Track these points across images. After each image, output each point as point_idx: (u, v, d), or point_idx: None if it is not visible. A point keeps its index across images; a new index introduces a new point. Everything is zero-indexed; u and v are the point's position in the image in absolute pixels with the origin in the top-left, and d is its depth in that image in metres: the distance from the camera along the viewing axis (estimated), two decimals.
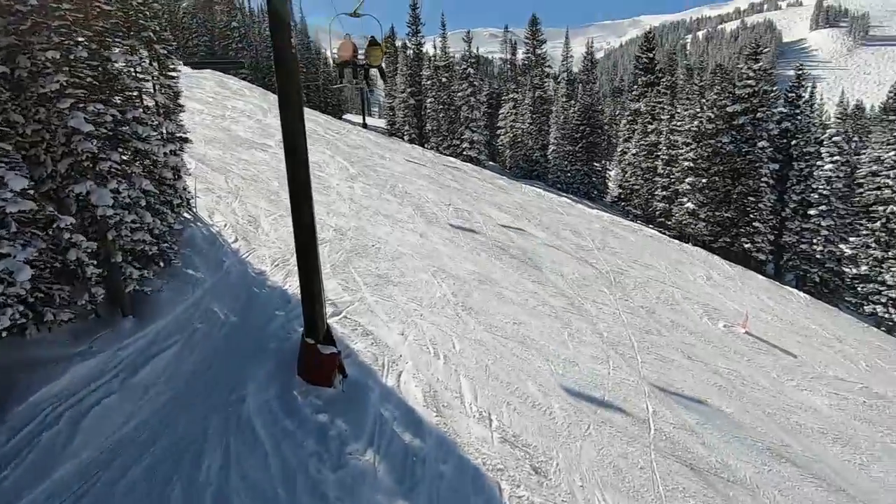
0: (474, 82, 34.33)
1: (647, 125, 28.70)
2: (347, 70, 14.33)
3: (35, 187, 5.97)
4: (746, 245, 21.42)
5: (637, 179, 28.88)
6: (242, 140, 20.36)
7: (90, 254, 6.15)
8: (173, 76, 10.49)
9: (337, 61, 13.85)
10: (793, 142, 22.77)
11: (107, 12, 6.88)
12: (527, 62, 40.11)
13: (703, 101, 23.44)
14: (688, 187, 23.09)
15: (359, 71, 13.82)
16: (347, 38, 14.00)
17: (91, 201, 6.16)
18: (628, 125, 32.43)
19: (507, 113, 38.88)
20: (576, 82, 41.14)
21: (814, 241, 20.64)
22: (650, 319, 12.57)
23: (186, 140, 10.77)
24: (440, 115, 36.38)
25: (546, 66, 40.72)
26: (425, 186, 20.39)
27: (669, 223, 25.07)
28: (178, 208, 9.95)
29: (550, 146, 35.65)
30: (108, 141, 6.91)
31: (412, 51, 41.86)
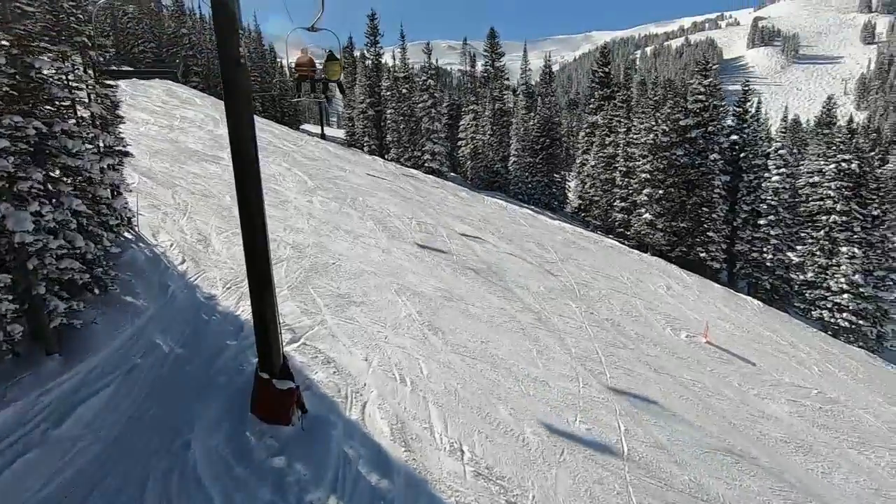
0: (435, 94, 34.24)
1: (605, 138, 29.43)
2: (306, 84, 13.88)
3: None
4: (702, 254, 22.18)
5: (596, 191, 29.51)
6: (192, 152, 19.32)
7: (4, 287, 5.39)
8: (111, 84, 9.69)
9: (294, 76, 13.37)
10: (741, 154, 23.87)
11: (28, 14, 6.17)
12: (486, 74, 40.47)
13: (658, 115, 24.24)
14: (645, 198, 23.73)
15: (317, 85, 13.42)
16: (305, 53, 13.60)
17: (7, 227, 5.42)
18: (586, 137, 33.18)
19: (468, 124, 39.00)
20: (535, 95, 41.82)
21: (764, 250, 21.62)
22: (616, 332, 12.58)
23: (126, 154, 9.95)
24: (401, 127, 36.05)
25: (505, 79, 41.21)
26: (387, 199, 19.95)
27: (628, 233, 25.67)
28: (117, 228, 9.12)
29: (511, 158, 35.97)
30: (31, 157, 6.17)
31: (371, 61, 41.44)
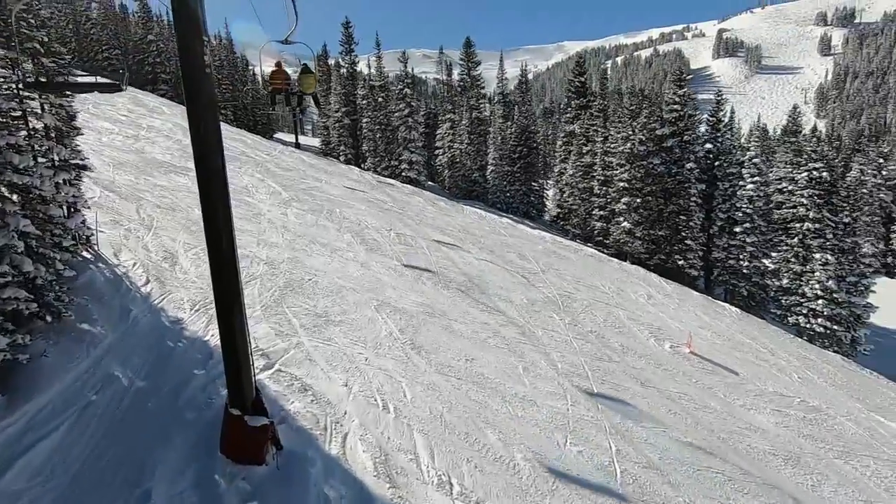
0: (412, 103, 33.99)
1: (582, 147, 29.66)
2: (280, 97, 13.54)
3: None
4: (680, 262, 22.40)
5: (575, 199, 29.66)
6: (159, 163, 18.51)
7: None
8: (68, 94, 9.05)
9: (268, 89, 13.03)
10: (716, 163, 24.33)
11: None
12: (462, 83, 40.49)
13: (635, 125, 24.52)
14: (624, 207, 23.90)
15: (292, 98, 13.11)
16: (279, 66, 13.36)
17: None
18: (564, 146, 33.40)
19: (445, 133, 38.85)
20: (512, 104, 42.01)
21: (740, 257, 21.98)
22: (600, 345, 12.41)
23: (84, 167, 9.30)
24: (377, 136, 35.64)
25: (481, 88, 41.29)
26: (365, 211, 19.51)
27: (607, 242, 25.81)
28: (74, 248, 8.46)
29: (489, 166, 35.93)
30: None
31: (346, 70, 40.98)
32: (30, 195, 6.96)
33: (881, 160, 30.18)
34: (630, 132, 24.52)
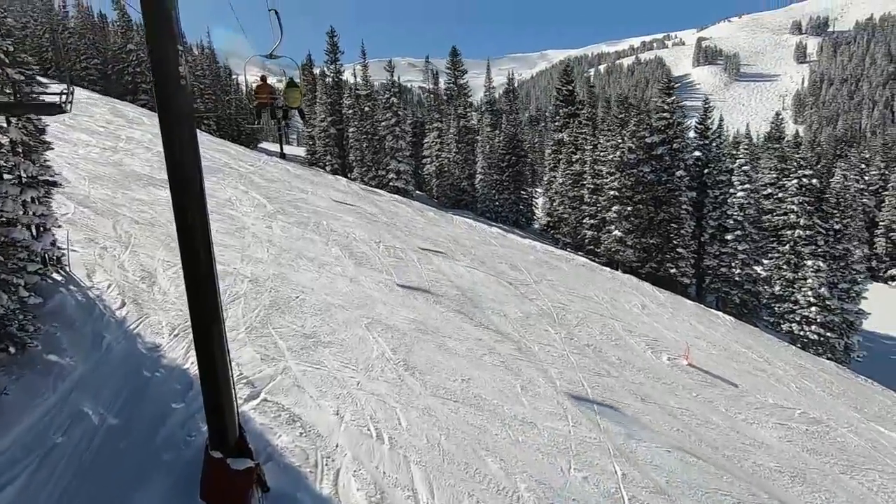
0: (399, 112, 33.67)
1: (572, 155, 29.57)
2: (265, 111, 13.21)
3: None
4: (672, 270, 22.30)
5: (565, 208, 29.52)
6: (138, 176, 17.88)
7: None
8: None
9: (253, 104, 12.76)
10: (706, 170, 24.38)
11: None
12: (449, 92, 40.30)
13: (624, 133, 24.49)
14: (614, 215, 23.78)
15: (277, 112, 12.82)
16: (264, 80, 13.11)
17: None
18: (553, 155, 33.31)
19: (432, 142, 38.56)
20: (499, 112, 41.92)
21: (732, 265, 21.95)
22: (598, 359, 12.10)
23: (54, 184, 8.75)
24: (364, 146, 35.21)
25: (468, 97, 41.17)
26: (352, 223, 19.06)
27: (598, 250, 25.65)
28: (42, 272, 7.92)
29: (478, 175, 35.70)
30: None
31: (331, 79, 40.57)
32: None
33: (863, 165, 30.70)
34: (619, 140, 24.46)
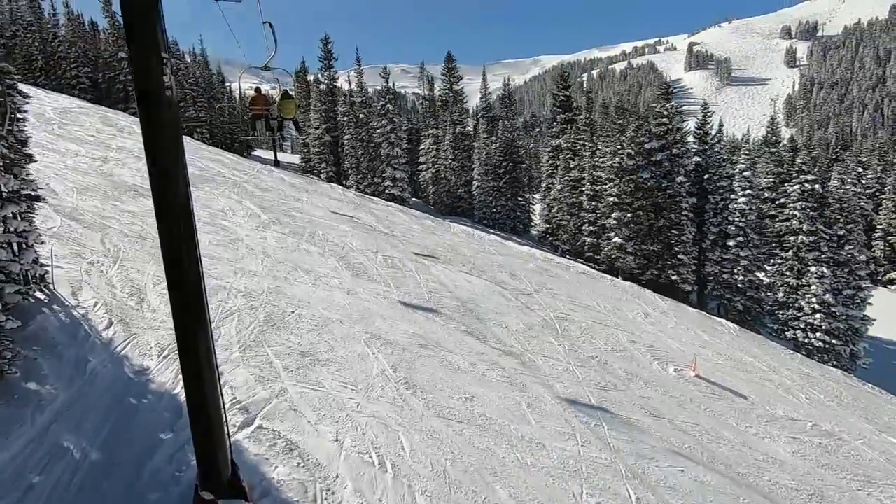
0: (394, 119, 33.39)
1: (570, 161, 29.34)
2: (260, 123, 13.07)
3: None
4: (673, 277, 22.04)
5: (563, 214, 29.23)
6: (129, 187, 17.43)
7: None
8: (17, 117, 8.13)
9: (248, 116, 12.67)
10: (705, 176, 24.19)
11: None
12: (445, 99, 40.10)
13: (623, 138, 24.28)
14: (614, 222, 23.52)
15: (272, 123, 12.62)
16: (259, 92, 12.98)
17: None
18: (550, 161, 33.08)
19: (428, 149, 38.31)
20: (495, 118, 41.75)
21: (734, 271, 21.71)
22: (604, 372, 11.77)
23: (38, 198, 8.35)
24: (359, 153, 34.88)
25: (463, 103, 41.00)
26: (349, 232, 18.69)
27: (598, 257, 25.37)
28: (24, 291, 7.50)
29: (475, 182, 35.41)
30: None
31: (325, 86, 40.29)
32: None
33: (860, 169, 30.70)
34: (618, 146, 24.25)
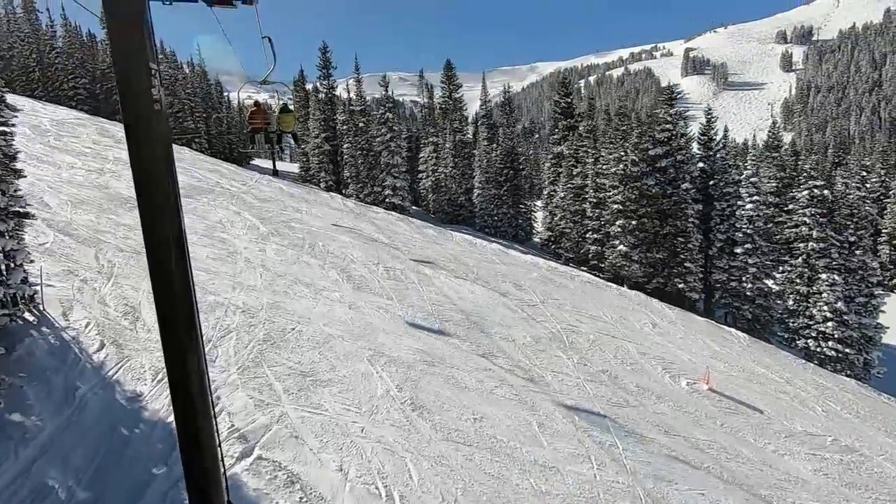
0: (394, 127, 33.14)
1: (572, 168, 29.05)
2: (259, 135, 12.97)
3: None
4: (680, 285, 21.65)
5: (566, 222, 28.88)
6: (125, 199, 17.10)
7: None
8: (5, 131, 7.83)
9: (247, 129, 12.56)
10: (711, 182, 23.88)
11: None
12: (444, 106, 39.93)
13: (626, 145, 23.98)
14: (619, 230, 23.18)
15: (271, 137, 12.55)
16: (258, 106, 12.91)
17: None
18: (552, 168, 32.78)
19: (428, 157, 38.06)
20: (495, 126, 41.54)
21: (742, 279, 21.30)
22: (615, 387, 11.39)
23: (26, 215, 8.02)
24: (359, 162, 34.62)
25: (463, 110, 40.80)
26: (349, 243, 18.35)
27: (603, 265, 25.01)
28: (12, 313, 7.15)
29: (475, 190, 35.12)
30: None
31: (324, 94, 40.09)
32: None
33: (864, 173, 30.45)
34: (622, 153, 23.95)
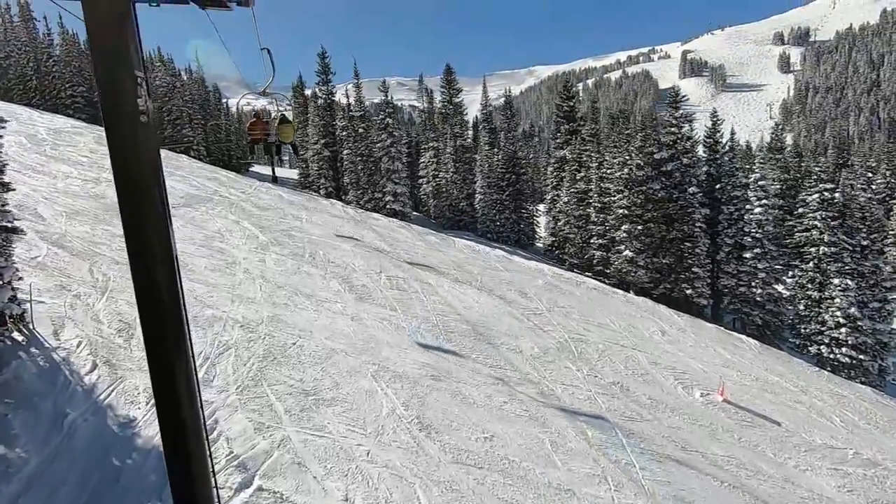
0: (394, 132, 32.86)
1: (576, 173, 28.71)
2: (259, 146, 12.82)
3: None
4: (688, 291, 21.26)
5: (570, 227, 28.51)
6: None
7: None
8: None
9: (247, 140, 12.41)
10: (717, 186, 23.52)
11: None
12: (444, 111, 39.67)
13: (631, 149, 23.63)
14: (624, 235, 22.79)
15: (271, 148, 12.37)
16: (258, 117, 12.73)
17: None
18: (555, 172, 32.44)
19: (429, 162, 37.78)
20: (496, 130, 41.29)
21: (752, 284, 20.87)
22: (627, 399, 11.02)
23: (15, 230, 7.67)
24: (359, 168, 34.31)
25: (463, 115, 40.55)
26: (351, 251, 18.00)
27: (608, 271, 24.63)
28: None
29: (477, 195, 34.80)
30: None
31: (323, 100, 39.85)
32: None
33: (869, 174, 30.13)
34: (627, 157, 23.59)
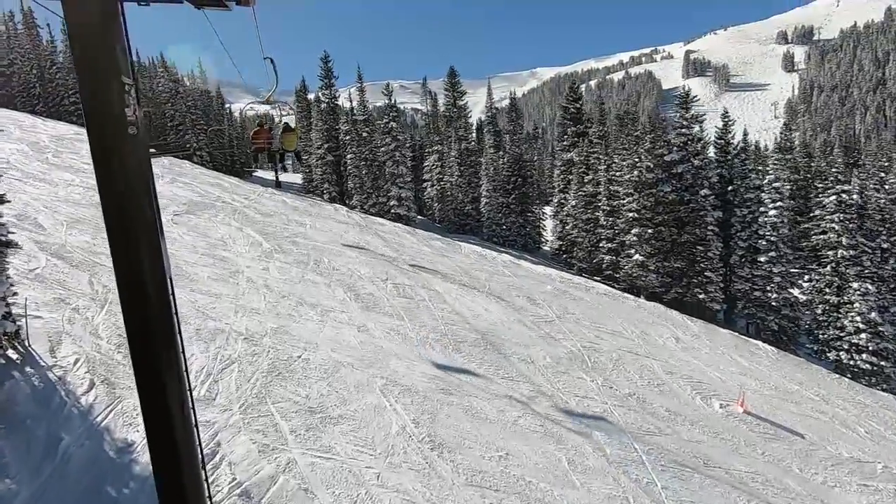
0: (398, 136, 32.58)
1: (583, 176, 28.27)
2: (262, 155, 12.86)
3: None
4: (700, 295, 20.78)
5: (578, 231, 28.05)
6: None
7: None
8: None
9: (251, 148, 12.40)
10: (729, 188, 23.02)
11: None
12: (448, 114, 39.35)
13: (640, 151, 23.19)
14: (634, 238, 22.31)
15: (274, 157, 12.38)
16: (262, 126, 12.73)
17: None
18: (562, 175, 32.03)
19: (433, 165, 37.48)
20: (501, 132, 40.91)
21: (767, 288, 20.33)
22: (644, 412, 10.63)
23: (9, 244, 7.38)
24: (363, 172, 34.04)
25: (467, 118, 40.28)
26: (356, 258, 17.69)
27: (618, 276, 24.16)
28: None
29: (482, 199, 34.42)
30: None
31: (326, 104, 39.65)
32: None
33: (882, 174, 29.41)
34: (636, 159, 23.15)
